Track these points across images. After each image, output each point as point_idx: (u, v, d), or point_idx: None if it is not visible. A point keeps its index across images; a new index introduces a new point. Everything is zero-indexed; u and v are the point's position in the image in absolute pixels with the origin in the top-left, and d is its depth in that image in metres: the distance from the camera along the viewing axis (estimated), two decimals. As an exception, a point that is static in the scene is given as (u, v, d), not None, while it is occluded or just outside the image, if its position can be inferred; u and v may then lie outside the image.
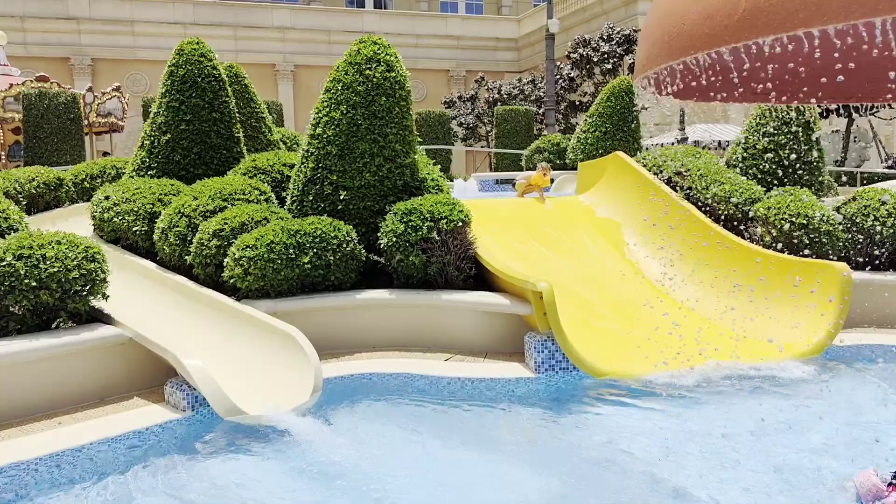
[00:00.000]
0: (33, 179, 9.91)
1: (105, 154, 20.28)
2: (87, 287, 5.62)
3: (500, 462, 4.44)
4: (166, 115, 8.38)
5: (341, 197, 7.17)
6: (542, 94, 27.80)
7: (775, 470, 4.12)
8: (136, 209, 7.50)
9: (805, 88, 1.98)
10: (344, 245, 6.69)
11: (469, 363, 6.19)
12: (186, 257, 6.86)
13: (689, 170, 9.00)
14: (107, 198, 7.88)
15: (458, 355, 6.42)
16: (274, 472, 4.33)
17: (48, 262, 5.44)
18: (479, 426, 5.09)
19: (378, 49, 7.25)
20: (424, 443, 4.76)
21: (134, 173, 8.64)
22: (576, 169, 11.82)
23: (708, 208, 8.48)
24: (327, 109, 7.30)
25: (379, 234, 6.97)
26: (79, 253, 5.66)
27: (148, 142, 8.57)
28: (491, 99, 30.06)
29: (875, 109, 23.73)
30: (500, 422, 5.20)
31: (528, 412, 5.33)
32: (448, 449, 4.66)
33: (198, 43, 8.57)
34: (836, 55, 1.58)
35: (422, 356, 6.35)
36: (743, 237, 7.93)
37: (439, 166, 8.49)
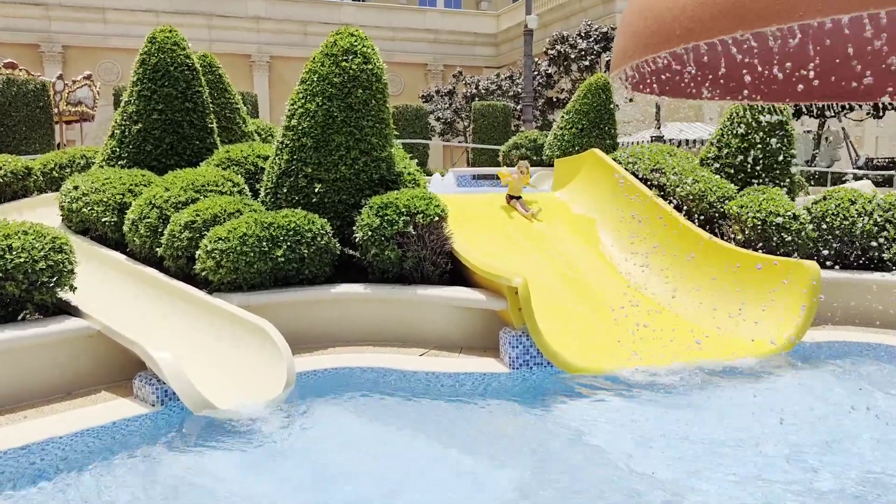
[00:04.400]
0: (0, 168, 9.70)
1: (59, 146, 19.85)
2: (55, 279, 5.50)
3: (473, 456, 4.43)
4: (138, 105, 8.23)
5: (316, 190, 7.10)
6: (519, 89, 27.84)
7: (742, 464, 4.17)
8: (105, 200, 7.36)
9: (779, 87, 1.99)
10: (318, 238, 6.63)
11: (444, 358, 6.17)
12: (157, 249, 6.75)
13: (663, 167, 9.06)
14: (76, 188, 7.72)
15: (434, 350, 6.40)
16: (245, 467, 4.28)
17: (14, 253, 5.31)
18: (454, 421, 5.08)
19: (355, 41, 7.18)
20: (397, 437, 4.73)
21: (104, 163, 8.48)
22: (552, 165, 11.84)
23: (682, 206, 8.55)
24: (303, 101, 7.22)
25: (354, 228, 6.91)
26: (46, 244, 5.53)
27: (119, 131, 8.41)
28: (469, 94, 30.05)
29: (846, 111, 24.12)
30: (474, 416, 5.20)
31: (502, 407, 5.33)
32: (422, 443, 4.64)
33: (171, 31, 8.42)
34: (812, 53, 1.57)
35: (396, 351, 6.33)
36: (716, 235, 8.01)
37: (416, 160, 8.45)
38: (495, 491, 3.94)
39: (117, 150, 8.37)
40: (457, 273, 6.94)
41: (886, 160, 26.52)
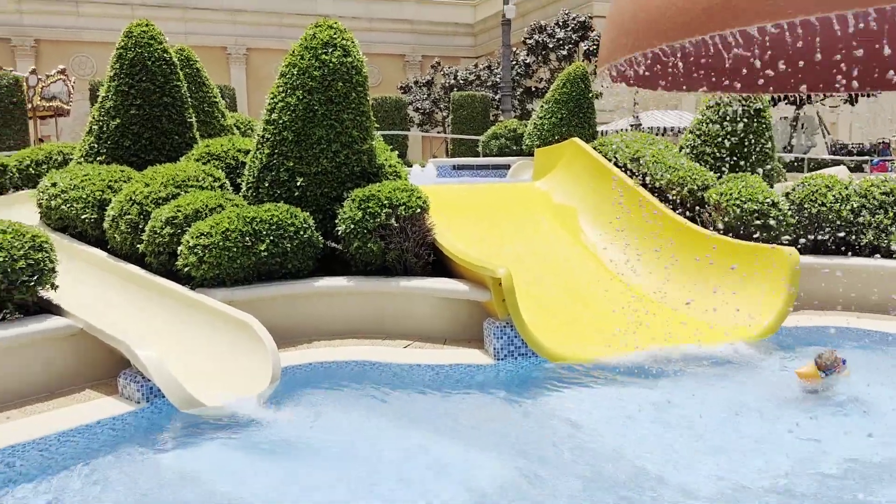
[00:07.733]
0: (-26, 165, 9.53)
1: (41, 140, 19.58)
2: (35, 277, 5.44)
3: (459, 446, 4.46)
4: (115, 100, 8.12)
5: (298, 183, 7.07)
6: (498, 79, 27.82)
7: (729, 448, 4.24)
8: (84, 196, 7.27)
9: (764, 79, 2.02)
10: (301, 232, 6.61)
11: (428, 350, 6.19)
12: (139, 246, 6.69)
13: (643, 156, 9.12)
14: (54, 184, 7.62)
15: (418, 342, 6.41)
16: (231, 463, 4.28)
17: (-8, 252, 5.24)
18: (440, 412, 5.11)
19: (334, 33, 7.14)
20: (383, 430, 4.75)
21: (82, 159, 8.37)
22: (532, 155, 11.88)
23: (662, 194, 8.62)
24: (283, 94, 7.17)
25: (336, 221, 6.90)
26: (25, 242, 5.47)
27: (96, 127, 8.31)
28: (447, 84, 29.95)
29: (822, 99, 24.40)
30: (459, 407, 5.22)
31: (488, 398, 5.36)
32: (407, 434, 4.66)
33: (147, 25, 8.31)
34: (798, 48, 1.60)
35: (381, 343, 6.34)
36: (696, 222, 8.09)
37: (396, 152, 8.44)
38: (481, 479, 3.97)
39: (95, 145, 8.27)
40: (440, 264, 6.96)
41: (858, 146, 26.93)
